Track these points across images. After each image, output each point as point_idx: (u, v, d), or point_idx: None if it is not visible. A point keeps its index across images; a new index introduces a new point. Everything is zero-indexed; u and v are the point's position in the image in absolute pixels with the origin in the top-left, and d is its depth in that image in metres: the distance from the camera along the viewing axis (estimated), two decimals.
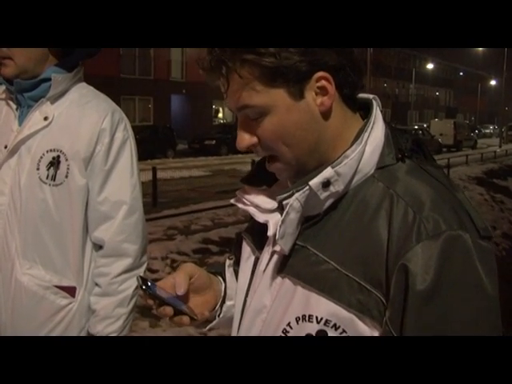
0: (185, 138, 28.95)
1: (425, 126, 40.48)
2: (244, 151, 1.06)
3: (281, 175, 1.06)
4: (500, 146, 40.29)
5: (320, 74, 0.96)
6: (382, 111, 1.06)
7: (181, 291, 1.11)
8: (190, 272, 1.16)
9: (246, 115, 1.01)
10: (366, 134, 0.99)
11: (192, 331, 4.88)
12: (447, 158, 20.44)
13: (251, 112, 0.99)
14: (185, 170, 17.70)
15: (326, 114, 0.99)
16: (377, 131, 1.01)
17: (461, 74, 79.41)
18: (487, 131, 66.25)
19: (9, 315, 1.85)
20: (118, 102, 1.92)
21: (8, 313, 1.85)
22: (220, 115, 37.67)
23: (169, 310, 1.09)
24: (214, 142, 26.88)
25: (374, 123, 1.01)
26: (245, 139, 1.02)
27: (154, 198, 11.52)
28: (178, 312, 1.10)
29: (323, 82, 0.96)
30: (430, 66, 66.44)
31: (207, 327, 1.22)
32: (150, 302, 1.09)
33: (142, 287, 1.07)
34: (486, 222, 0.97)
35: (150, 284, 1.09)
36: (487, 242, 0.93)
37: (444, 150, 33.63)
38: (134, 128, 1.97)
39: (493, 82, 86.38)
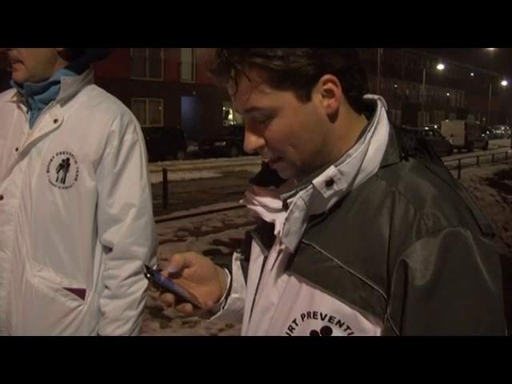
0: (195, 139, 29.02)
1: (435, 127, 40.31)
2: (252, 153, 1.07)
3: (283, 173, 1.08)
4: (511, 147, 40.07)
5: (327, 76, 0.97)
6: (387, 111, 1.07)
7: (171, 267, 1.14)
8: (190, 257, 1.18)
9: (253, 117, 1.02)
10: (369, 134, 1.01)
11: (203, 332, 4.88)
12: (458, 159, 20.40)
13: (259, 114, 1.00)
14: (195, 172, 17.72)
15: (332, 116, 1.00)
16: (381, 131, 1.03)
17: (472, 74, 79.07)
18: (498, 132, 65.94)
19: (20, 316, 1.85)
20: (128, 104, 1.92)
21: (19, 314, 1.85)
22: (230, 117, 37.71)
23: (170, 297, 1.10)
24: (224, 143, 26.94)
25: (377, 123, 1.03)
26: (252, 141, 1.04)
27: (165, 199, 11.56)
28: (181, 300, 1.11)
29: (330, 85, 0.98)
30: (440, 66, 66.19)
31: (211, 318, 1.24)
32: (154, 289, 1.10)
33: (146, 275, 1.08)
34: (489, 219, 0.98)
35: (154, 272, 1.10)
36: (489, 239, 0.94)
37: (455, 151, 33.51)
38: (144, 130, 1.97)
39: (504, 83, 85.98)
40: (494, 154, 29.10)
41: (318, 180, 0.97)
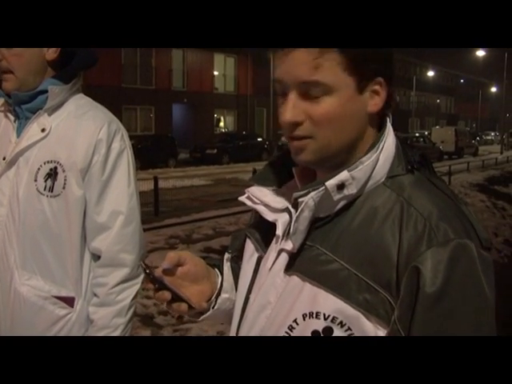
0: (186, 147, 28.97)
1: (426, 133, 40.43)
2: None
3: (302, 155, 1.05)
4: (501, 153, 40.29)
5: (380, 79, 1.03)
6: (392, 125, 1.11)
7: (165, 264, 1.15)
8: (184, 255, 1.20)
9: (304, 92, 1.01)
10: (381, 144, 1.04)
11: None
12: (448, 165, 20.47)
13: (316, 89, 1.00)
14: (186, 179, 17.67)
15: (371, 117, 1.05)
16: (389, 142, 1.07)
17: (461, 81, 79.44)
18: (488, 138, 66.06)
19: (8, 325, 1.86)
20: (119, 112, 1.93)
21: (7, 323, 1.85)
22: (221, 124, 37.70)
23: (167, 295, 1.13)
24: (215, 151, 26.90)
25: (387, 135, 1.07)
26: (294, 114, 1.02)
27: (156, 207, 11.53)
28: (176, 299, 1.13)
29: (378, 87, 1.03)
30: (430, 73, 66.56)
31: (200, 318, 1.25)
32: (150, 285, 1.13)
33: (145, 270, 1.11)
34: (486, 232, 1.02)
35: (152, 270, 1.13)
36: (488, 253, 0.99)
37: (445, 157, 33.58)
38: (135, 137, 1.98)
39: (493, 89, 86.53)
40: (484, 160, 29.20)
41: (331, 182, 1.00)
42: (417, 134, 36.48)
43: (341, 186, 1.01)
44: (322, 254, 1.02)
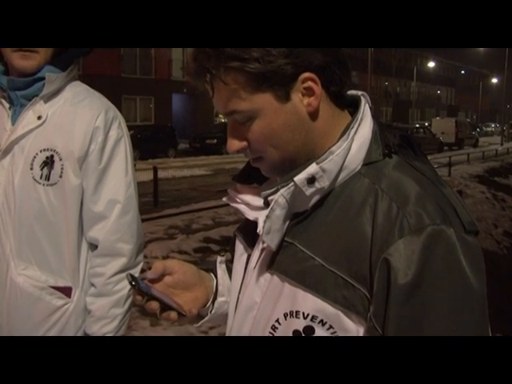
0: (186, 137, 29.01)
1: (426, 124, 40.49)
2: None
3: (265, 172, 1.07)
4: (501, 144, 40.28)
5: (305, 74, 0.96)
6: (371, 107, 1.07)
7: (150, 274, 1.14)
8: (171, 265, 1.18)
9: (234, 120, 1.02)
10: (353, 131, 0.99)
11: (193, 330, 4.88)
12: (449, 157, 20.48)
13: (239, 117, 1.00)
14: (186, 170, 17.68)
15: (313, 115, 0.99)
16: (364, 127, 1.01)
17: (462, 72, 79.46)
18: (489, 129, 66.15)
19: (4, 316, 1.84)
20: (119, 102, 1.91)
21: (3, 314, 1.84)
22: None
23: (155, 305, 1.10)
24: (215, 141, 26.89)
25: (361, 120, 1.02)
26: (234, 143, 1.04)
27: (155, 197, 11.56)
28: (166, 308, 1.12)
29: (309, 83, 0.97)
30: (431, 64, 66.54)
31: (200, 323, 1.24)
32: (139, 297, 1.10)
33: (131, 283, 1.09)
34: (470, 215, 0.97)
35: (139, 281, 1.11)
36: (473, 237, 0.93)
37: (446, 148, 33.61)
38: (135, 127, 1.97)
39: (494, 80, 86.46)
40: (484, 152, 29.19)
41: (300, 177, 0.96)
42: (417, 125, 36.53)
43: (311, 180, 0.96)
44: (300, 252, 0.98)
